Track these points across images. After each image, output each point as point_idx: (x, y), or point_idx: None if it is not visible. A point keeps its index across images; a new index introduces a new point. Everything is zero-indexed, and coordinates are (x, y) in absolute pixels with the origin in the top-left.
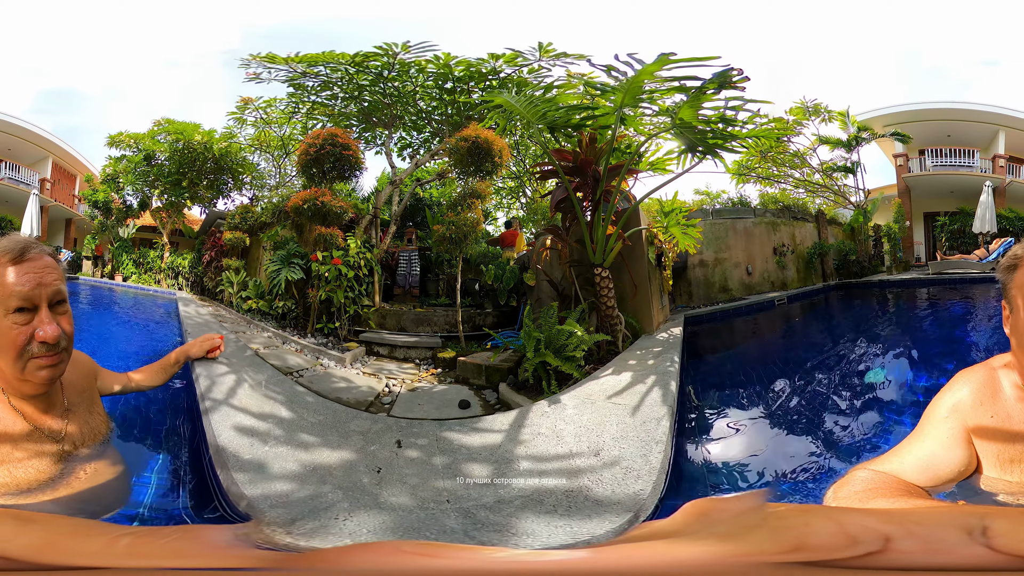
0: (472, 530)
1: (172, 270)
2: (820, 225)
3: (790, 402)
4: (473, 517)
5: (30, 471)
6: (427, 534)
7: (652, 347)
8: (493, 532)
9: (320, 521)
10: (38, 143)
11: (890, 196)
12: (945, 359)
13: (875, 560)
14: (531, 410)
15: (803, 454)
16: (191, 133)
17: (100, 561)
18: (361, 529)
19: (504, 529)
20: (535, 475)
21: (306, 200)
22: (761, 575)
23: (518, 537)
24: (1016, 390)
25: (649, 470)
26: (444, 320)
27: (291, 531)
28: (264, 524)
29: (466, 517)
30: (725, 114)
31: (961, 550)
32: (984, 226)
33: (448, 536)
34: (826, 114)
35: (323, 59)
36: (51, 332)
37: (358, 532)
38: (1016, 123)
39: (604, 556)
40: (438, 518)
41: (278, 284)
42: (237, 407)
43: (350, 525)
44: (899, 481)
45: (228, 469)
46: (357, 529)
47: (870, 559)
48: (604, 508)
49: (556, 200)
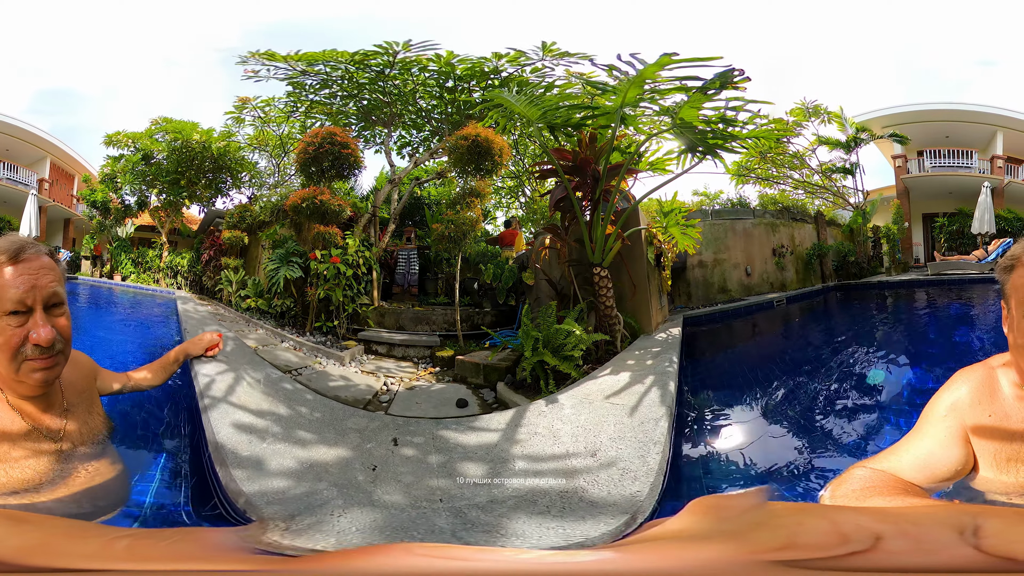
0: (460, 530)
1: (171, 269)
2: (819, 226)
3: (789, 403)
4: (464, 516)
5: (28, 471)
6: (415, 533)
7: (651, 347)
8: (482, 532)
9: (316, 517)
10: (36, 143)
11: (889, 197)
12: (944, 360)
13: (864, 559)
14: (528, 409)
15: (802, 454)
16: (189, 132)
17: (96, 563)
18: (352, 527)
19: (494, 529)
20: (530, 475)
21: (305, 199)
22: (749, 574)
23: (507, 538)
24: (1014, 389)
25: (647, 471)
26: (443, 319)
27: (289, 527)
28: (267, 526)
29: (456, 516)
30: (726, 114)
31: (950, 551)
32: (983, 227)
33: (436, 536)
34: (825, 115)
35: (323, 57)
36: (45, 335)
37: (349, 530)
38: (1014, 124)
39: (628, 557)
40: (428, 517)
41: (277, 283)
42: (236, 404)
43: (343, 522)
44: (897, 479)
45: (227, 466)
46: (349, 527)
47: (859, 558)
48: (599, 510)
49: (555, 199)
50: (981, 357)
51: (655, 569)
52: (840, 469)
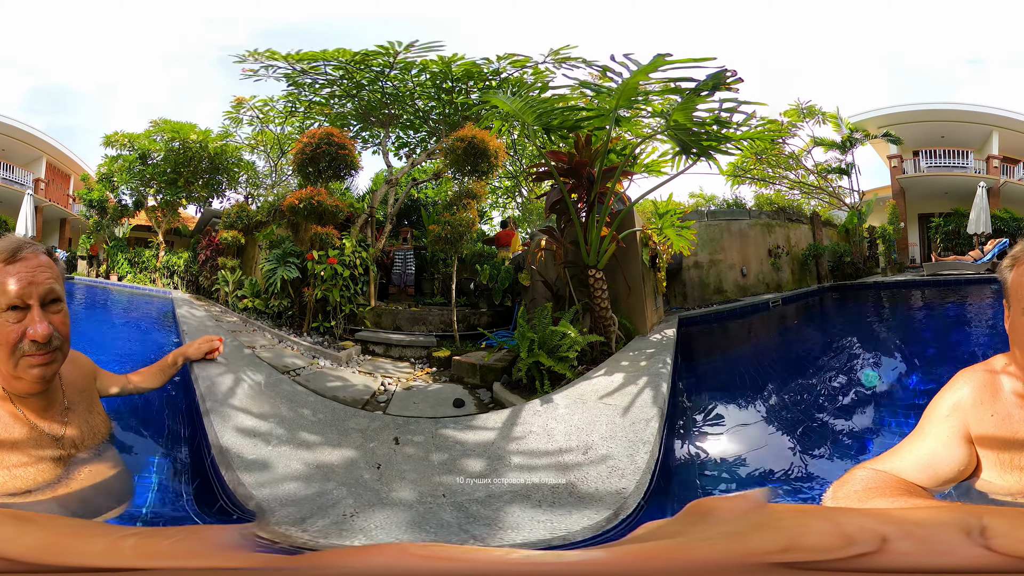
0: (466, 523)
1: (167, 269)
2: (815, 227)
3: (784, 404)
4: (466, 511)
5: (30, 471)
6: (426, 527)
7: (645, 348)
8: (483, 526)
9: (329, 518)
10: (32, 143)
11: (885, 197)
12: (940, 361)
13: (871, 561)
14: (524, 409)
15: (798, 456)
16: (187, 132)
17: (106, 561)
18: (368, 524)
19: (493, 523)
20: (525, 472)
21: (302, 199)
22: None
23: (504, 531)
24: (1016, 390)
25: (634, 469)
26: (439, 319)
27: (304, 529)
28: (268, 524)
29: (459, 511)
30: (720, 116)
31: (959, 551)
32: (979, 227)
33: (445, 528)
34: (820, 116)
35: (324, 57)
36: (42, 331)
37: (368, 528)
38: (1010, 124)
39: (623, 558)
40: (435, 512)
41: (274, 283)
42: (237, 407)
43: (358, 521)
44: (899, 480)
45: (233, 470)
46: (365, 525)
47: (866, 560)
48: (586, 504)
49: (551, 201)
50: (978, 358)
51: (651, 569)
52: (837, 470)
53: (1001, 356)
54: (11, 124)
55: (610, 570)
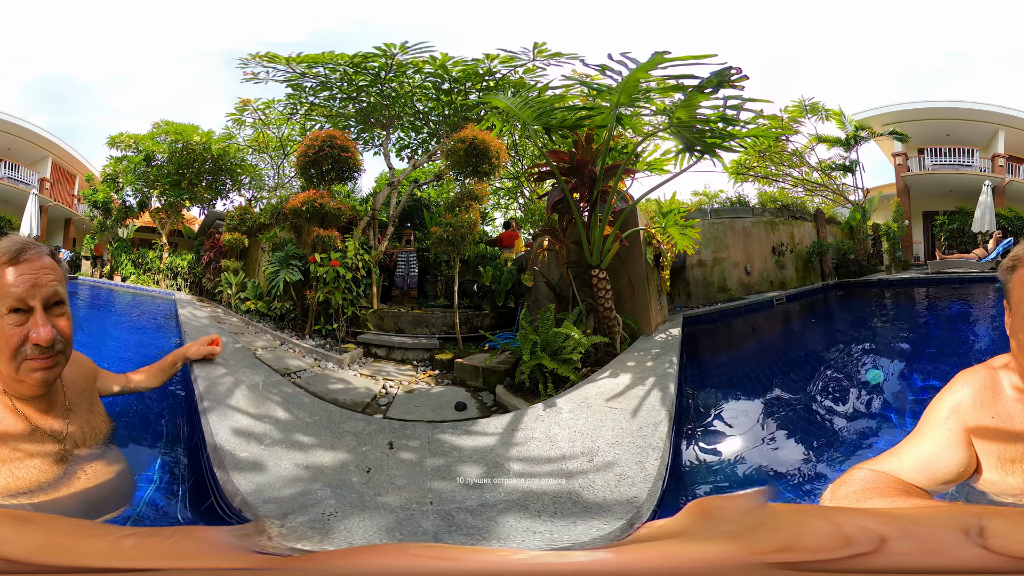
0: (444, 533)
1: (171, 270)
2: (819, 224)
3: (789, 403)
4: (451, 519)
5: (31, 471)
6: (399, 534)
7: (650, 348)
8: (465, 536)
9: (309, 516)
10: (37, 142)
11: (889, 195)
12: (944, 359)
13: (869, 561)
14: (526, 414)
15: (802, 455)
16: (190, 134)
17: (106, 561)
18: (347, 526)
19: (478, 533)
20: (523, 479)
21: (305, 202)
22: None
23: (489, 542)
24: (1016, 391)
25: (644, 477)
26: (442, 321)
27: (283, 525)
28: (263, 526)
29: (444, 519)
30: (725, 113)
31: (958, 551)
32: (983, 225)
33: (420, 537)
34: (824, 113)
35: (323, 60)
36: (45, 335)
37: (347, 529)
38: (1016, 122)
39: (624, 558)
40: (416, 519)
41: (276, 285)
42: (235, 408)
43: (336, 522)
44: (898, 481)
45: (225, 468)
46: (343, 526)
47: (864, 560)
48: (592, 514)
49: (552, 201)
50: (982, 356)
51: (651, 569)
52: (841, 469)
53: (1000, 357)
54: (17, 123)
55: (617, 571)
